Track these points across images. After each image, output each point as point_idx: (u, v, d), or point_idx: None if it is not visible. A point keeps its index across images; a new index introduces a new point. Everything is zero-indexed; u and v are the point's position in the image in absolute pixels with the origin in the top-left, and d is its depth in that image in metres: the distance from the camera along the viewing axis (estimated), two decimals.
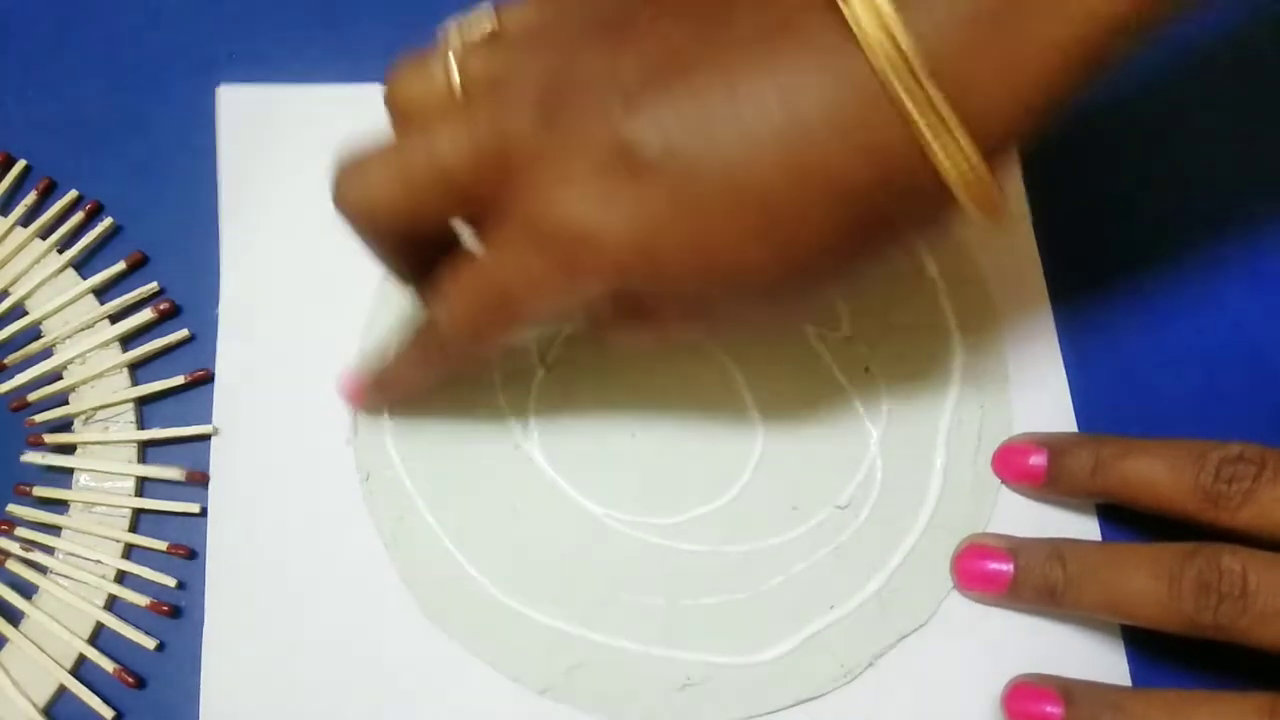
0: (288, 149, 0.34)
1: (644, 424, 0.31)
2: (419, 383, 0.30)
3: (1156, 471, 0.26)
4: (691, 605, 0.29)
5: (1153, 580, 0.25)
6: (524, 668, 0.29)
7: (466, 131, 0.23)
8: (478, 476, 0.30)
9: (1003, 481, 0.30)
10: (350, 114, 0.34)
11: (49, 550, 0.30)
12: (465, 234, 0.26)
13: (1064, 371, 0.32)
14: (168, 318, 0.33)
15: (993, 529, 0.30)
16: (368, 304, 0.32)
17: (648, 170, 0.21)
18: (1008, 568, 0.28)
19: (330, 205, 0.33)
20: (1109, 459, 0.27)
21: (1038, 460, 0.29)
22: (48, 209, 0.33)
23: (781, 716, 0.28)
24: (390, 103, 0.26)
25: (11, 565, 0.30)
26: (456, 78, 0.24)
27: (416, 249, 0.26)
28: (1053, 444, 0.29)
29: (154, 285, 0.33)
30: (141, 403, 0.32)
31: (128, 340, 0.32)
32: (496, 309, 0.24)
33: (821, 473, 0.31)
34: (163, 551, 0.30)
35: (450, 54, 0.24)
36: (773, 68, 0.21)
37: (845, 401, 0.31)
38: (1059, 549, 0.27)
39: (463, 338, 0.25)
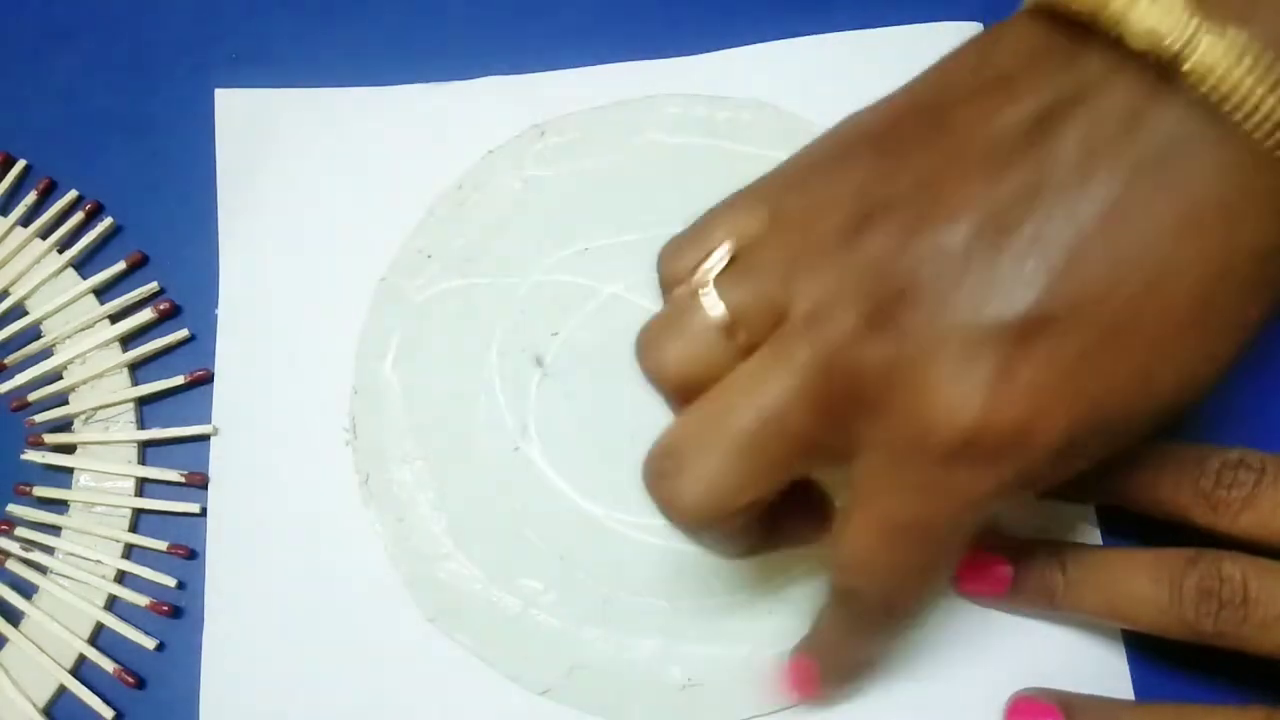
0: (286, 152, 0.34)
1: (644, 425, 0.31)
2: (876, 653, 0.27)
3: (1158, 475, 0.26)
4: (691, 605, 0.29)
5: (1153, 585, 0.25)
6: (524, 668, 0.29)
7: (789, 375, 0.20)
8: (477, 478, 0.30)
9: None
10: (346, 117, 0.35)
11: (49, 550, 0.30)
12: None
13: None
14: (168, 318, 0.33)
15: (992, 529, 0.30)
16: (366, 304, 0.32)
17: (1042, 328, 0.19)
18: (1007, 570, 0.28)
19: (328, 205, 0.34)
20: (1111, 462, 0.27)
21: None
22: (48, 209, 0.34)
23: (782, 717, 0.28)
24: (661, 380, 0.22)
25: (11, 565, 0.30)
26: (726, 318, 0.21)
27: (758, 520, 0.23)
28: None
29: (154, 285, 0.33)
30: (141, 403, 0.32)
31: (128, 340, 0.32)
32: (924, 547, 0.22)
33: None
34: (163, 551, 0.30)
35: (704, 300, 0.21)
36: (1132, 170, 0.19)
37: None
38: (1059, 552, 0.27)
39: (898, 595, 0.23)
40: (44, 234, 0.33)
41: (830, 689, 0.28)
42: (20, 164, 0.34)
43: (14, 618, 0.29)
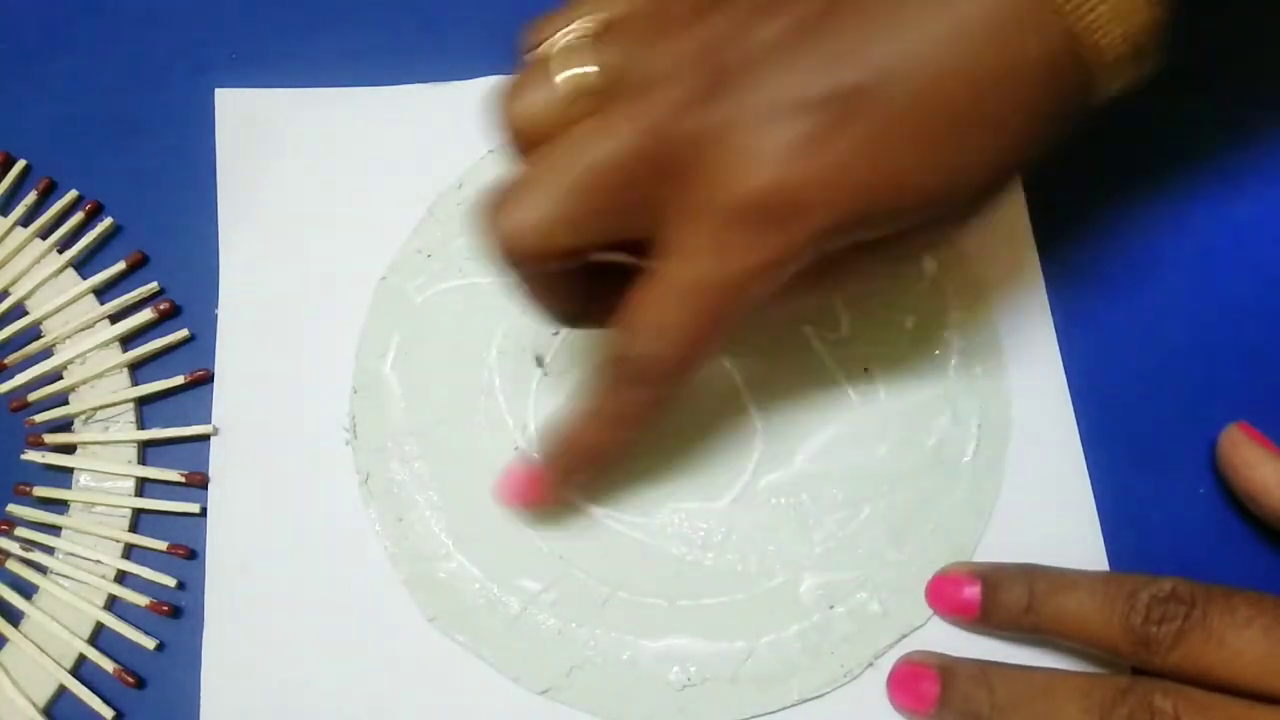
0: (285, 152, 0.34)
1: None
2: (621, 442, 0.27)
3: (1087, 610, 0.26)
4: (691, 605, 0.29)
5: (1084, 716, 0.24)
6: (524, 668, 0.29)
7: (615, 137, 0.22)
8: (477, 477, 0.30)
9: (936, 613, 0.29)
10: (346, 117, 0.35)
11: (49, 550, 0.30)
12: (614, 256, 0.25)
13: (1062, 369, 0.32)
14: (168, 318, 0.33)
15: (993, 528, 0.30)
16: (366, 304, 0.33)
17: (842, 111, 0.21)
18: (935, 689, 0.27)
19: (328, 205, 0.34)
20: (1042, 595, 0.27)
21: (971, 592, 0.28)
22: (48, 209, 0.34)
23: (782, 716, 0.28)
24: (512, 128, 0.24)
25: (11, 565, 0.30)
26: (571, 82, 0.23)
27: (576, 282, 0.25)
28: (987, 576, 0.28)
29: (154, 285, 0.33)
30: (141, 403, 0.32)
31: (128, 340, 0.32)
32: (715, 310, 0.23)
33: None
34: (163, 551, 0.30)
35: (554, 65, 0.23)
36: None
37: (844, 401, 0.31)
38: (987, 674, 0.26)
39: (678, 358, 0.24)
40: (44, 234, 0.33)
41: (564, 488, 0.29)
42: (20, 164, 0.34)
43: (14, 618, 0.29)
